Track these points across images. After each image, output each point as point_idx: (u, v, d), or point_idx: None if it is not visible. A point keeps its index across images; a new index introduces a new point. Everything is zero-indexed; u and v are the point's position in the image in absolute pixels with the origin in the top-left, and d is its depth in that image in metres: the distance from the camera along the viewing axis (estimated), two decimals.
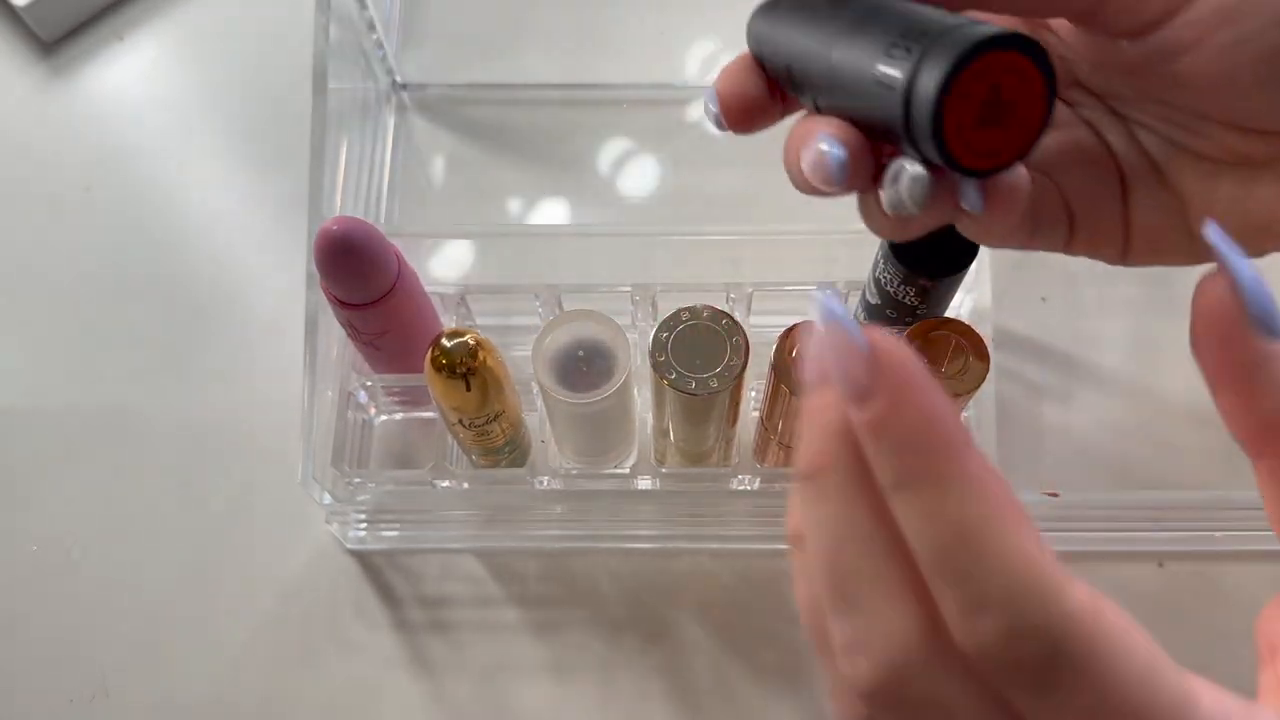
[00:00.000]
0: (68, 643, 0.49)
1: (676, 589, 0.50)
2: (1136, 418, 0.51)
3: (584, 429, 0.45)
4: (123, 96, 0.61)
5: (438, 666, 0.49)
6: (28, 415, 0.54)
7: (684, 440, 0.45)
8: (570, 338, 0.41)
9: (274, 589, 0.50)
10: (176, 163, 0.59)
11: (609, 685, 0.48)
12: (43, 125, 0.61)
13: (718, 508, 0.49)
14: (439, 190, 0.59)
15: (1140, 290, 0.54)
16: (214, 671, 0.49)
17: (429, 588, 0.50)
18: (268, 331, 0.55)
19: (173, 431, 0.53)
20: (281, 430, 0.51)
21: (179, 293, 0.56)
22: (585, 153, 0.59)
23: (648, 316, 0.48)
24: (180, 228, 0.58)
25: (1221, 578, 0.48)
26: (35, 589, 0.50)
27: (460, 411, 0.42)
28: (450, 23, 0.62)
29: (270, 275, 0.56)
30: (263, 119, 0.60)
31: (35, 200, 0.59)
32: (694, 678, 0.48)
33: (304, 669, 0.49)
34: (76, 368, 0.55)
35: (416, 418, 0.53)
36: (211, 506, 0.52)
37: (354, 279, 0.42)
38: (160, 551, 0.51)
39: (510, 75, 0.60)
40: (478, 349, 0.40)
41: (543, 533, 0.51)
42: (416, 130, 0.60)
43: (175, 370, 0.55)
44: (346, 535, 0.50)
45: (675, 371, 0.39)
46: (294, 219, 0.54)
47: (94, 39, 0.62)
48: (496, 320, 0.52)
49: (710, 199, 0.58)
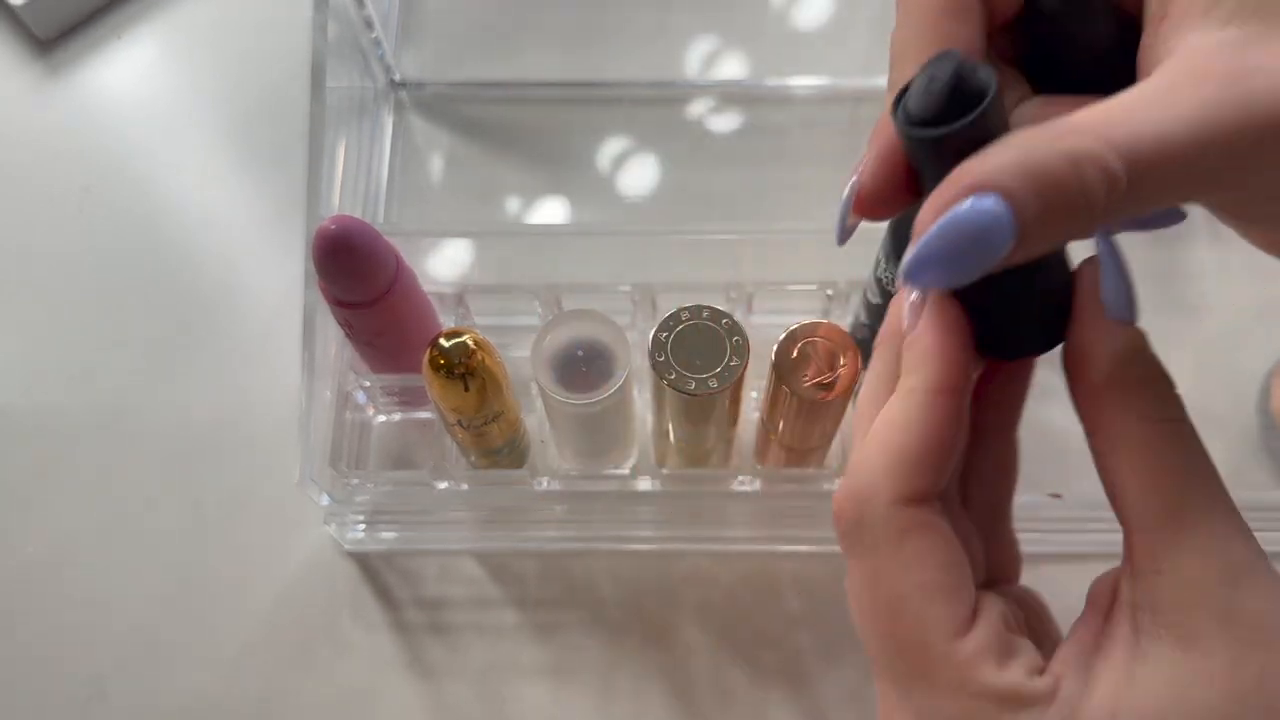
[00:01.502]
0: (65, 644, 0.49)
1: (676, 591, 0.49)
2: None
3: (584, 430, 0.45)
4: (120, 95, 0.61)
5: (436, 668, 0.48)
6: (25, 415, 0.54)
7: (684, 441, 0.44)
8: (570, 338, 0.41)
9: (272, 590, 0.50)
10: (174, 161, 0.59)
11: (608, 687, 0.48)
12: (40, 124, 0.61)
13: (718, 509, 0.49)
14: (437, 189, 0.58)
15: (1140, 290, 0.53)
16: (211, 673, 0.49)
17: (428, 589, 0.50)
18: (265, 331, 0.55)
19: (170, 431, 0.53)
20: (279, 430, 0.51)
21: (176, 292, 0.56)
22: (585, 151, 0.59)
23: (648, 316, 0.48)
24: (177, 226, 0.58)
25: None
26: (33, 589, 0.50)
27: (459, 412, 0.42)
28: (448, 21, 0.62)
29: (268, 274, 0.56)
30: (261, 117, 0.60)
31: (33, 199, 0.59)
32: (694, 679, 0.48)
33: (302, 671, 0.48)
34: (74, 367, 0.55)
35: (415, 418, 0.53)
36: (209, 507, 0.52)
37: (352, 278, 0.42)
38: (157, 552, 0.51)
39: (509, 73, 0.60)
40: (476, 349, 0.40)
41: (542, 534, 0.50)
42: (415, 129, 0.60)
43: (173, 370, 0.54)
44: (344, 536, 0.50)
45: (675, 372, 0.39)
46: (291, 218, 0.54)
47: (91, 37, 0.62)
48: (495, 320, 0.52)
49: (710, 199, 0.58)
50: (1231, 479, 0.22)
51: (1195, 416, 0.23)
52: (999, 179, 0.19)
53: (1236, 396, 0.51)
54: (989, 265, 0.20)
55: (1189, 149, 0.19)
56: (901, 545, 0.23)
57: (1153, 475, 0.22)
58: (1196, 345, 0.53)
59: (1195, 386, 0.49)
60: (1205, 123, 0.19)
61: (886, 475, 0.23)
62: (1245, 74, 0.20)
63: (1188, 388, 0.23)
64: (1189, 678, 0.20)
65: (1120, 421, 0.22)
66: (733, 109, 0.59)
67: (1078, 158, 0.19)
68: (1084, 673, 0.22)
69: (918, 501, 0.23)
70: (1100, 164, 0.19)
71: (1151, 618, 0.21)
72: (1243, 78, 0.20)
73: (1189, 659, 0.21)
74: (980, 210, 0.19)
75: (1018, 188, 0.19)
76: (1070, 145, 0.19)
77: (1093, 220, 0.20)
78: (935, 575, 0.22)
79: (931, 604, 0.22)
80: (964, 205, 0.19)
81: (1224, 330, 0.53)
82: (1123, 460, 0.22)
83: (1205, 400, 0.57)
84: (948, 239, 0.20)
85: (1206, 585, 0.21)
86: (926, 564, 0.22)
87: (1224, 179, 0.20)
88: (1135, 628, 0.22)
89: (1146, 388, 0.22)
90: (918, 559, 0.22)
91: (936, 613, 0.22)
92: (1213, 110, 0.19)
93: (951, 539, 0.23)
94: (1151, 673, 0.21)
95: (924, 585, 0.22)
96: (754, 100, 0.60)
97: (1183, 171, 0.20)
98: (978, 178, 0.19)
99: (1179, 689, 0.20)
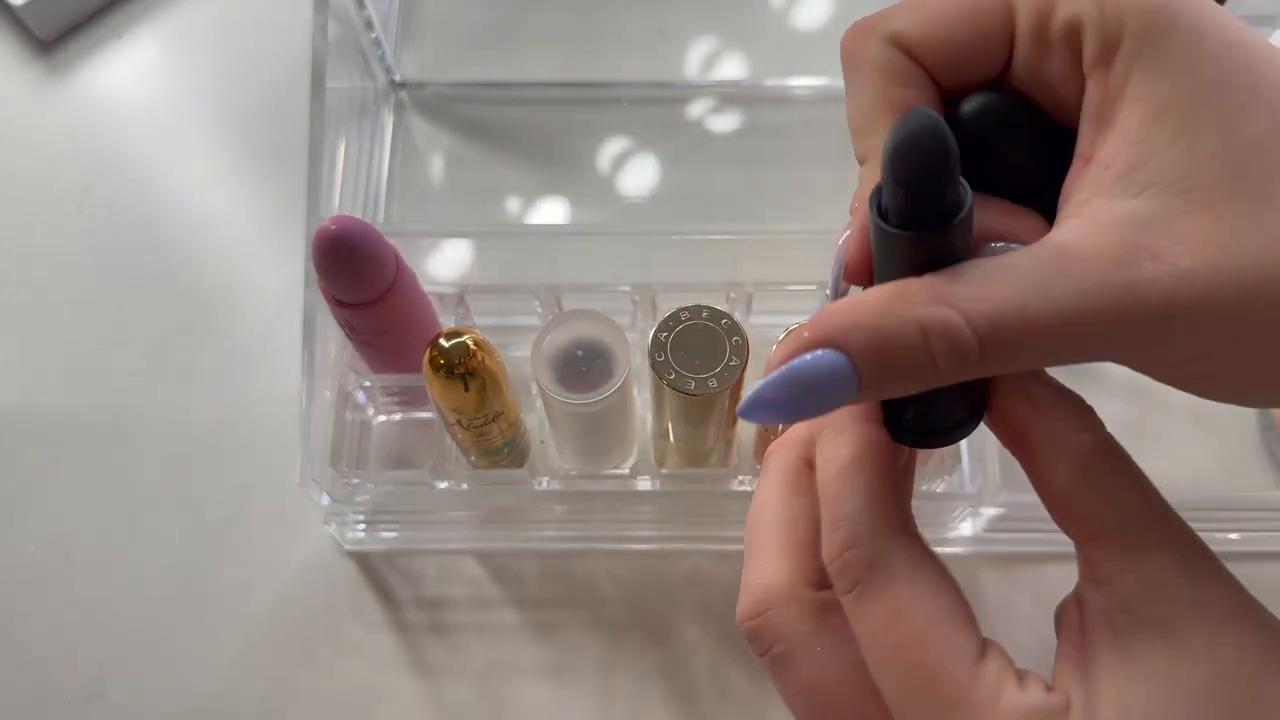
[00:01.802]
0: (65, 644, 0.49)
1: (676, 590, 0.50)
2: (1137, 418, 0.51)
3: (584, 429, 0.45)
4: (121, 95, 0.61)
5: (437, 668, 0.48)
6: (25, 415, 0.54)
7: (684, 441, 0.44)
8: (570, 338, 0.41)
9: (272, 590, 0.50)
10: (174, 161, 0.59)
11: (608, 687, 0.48)
12: (41, 124, 0.61)
13: (718, 508, 0.49)
14: (437, 189, 0.59)
15: None
16: (212, 673, 0.49)
17: (428, 589, 0.50)
18: (265, 331, 0.55)
19: (170, 431, 0.53)
20: (279, 430, 0.51)
21: (177, 292, 0.56)
22: (585, 152, 0.59)
23: (648, 316, 0.48)
24: (177, 227, 0.58)
25: None
26: (33, 590, 0.50)
27: (459, 412, 0.42)
28: (449, 21, 0.62)
29: (268, 274, 0.56)
30: (261, 118, 0.60)
31: (33, 199, 0.59)
32: (693, 679, 0.48)
33: (302, 670, 0.49)
34: (74, 367, 0.55)
35: (415, 418, 0.53)
36: (209, 507, 0.52)
37: (352, 278, 0.42)
38: (158, 552, 0.51)
39: (509, 74, 0.60)
40: (476, 349, 0.40)
41: (542, 534, 0.50)
42: (415, 129, 0.60)
43: (173, 370, 0.54)
44: (345, 536, 0.50)
45: (675, 372, 0.39)
46: (292, 218, 0.54)
47: (92, 37, 0.62)
48: (495, 320, 0.52)
49: (710, 199, 0.58)
50: (1231, 479, 0.22)
51: (1195, 417, 0.23)
52: (849, 339, 0.20)
53: None
54: (833, 408, 0.21)
55: (1054, 333, 0.20)
56: (916, 574, 0.23)
57: (1094, 487, 0.22)
58: None
59: None
60: (1077, 310, 0.20)
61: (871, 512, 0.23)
62: (1135, 260, 0.20)
63: None
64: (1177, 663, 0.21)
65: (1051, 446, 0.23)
66: (732, 109, 0.59)
67: (928, 327, 0.20)
68: (1084, 684, 0.22)
69: (912, 532, 0.24)
70: (951, 335, 0.20)
71: (1127, 617, 0.22)
72: (1130, 264, 0.20)
73: (1171, 646, 0.21)
74: (822, 364, 0.21)
75: (864, 349, 0.20)
76: (924, 315, 0.20)
77: (939, 380, 0.21)
78: (951, 601, 0.23)
79: (956, 629, 0.22)
80: (807, 358, 0.21)
81: None
82: (1062, 478, 0.22)
83: (1205, 400, 0.57)
84: (789, 388, 0.21)
85: (1169, 577, 0.21)
86: (943, 590, 0.23)
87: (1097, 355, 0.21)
88: (1115, 631, 0.22)
89: (1068, 408, 0.23)
90: (935, 586, 0.23)
91: (961, 638, 0.22)
92: (1090, 299, 0.20)
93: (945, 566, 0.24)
94: (1144, 667, 0.21)
95: (947, 611, 0.23)
96: (754, 100, 0.60)
97: (1043, 350, 0.20)
98: (828, 333, 0.21)
99: (1172, 676, 0.21)
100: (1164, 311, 0.20)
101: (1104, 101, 0.21)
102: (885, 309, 0.20)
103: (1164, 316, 0.20)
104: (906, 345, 0.20)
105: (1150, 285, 0.20)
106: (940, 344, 0.20)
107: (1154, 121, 0.20)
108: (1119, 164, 0.21)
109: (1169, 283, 0.20)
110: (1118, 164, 0.21)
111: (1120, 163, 0.21)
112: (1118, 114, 0.21)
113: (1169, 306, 0.20)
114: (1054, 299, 0.20)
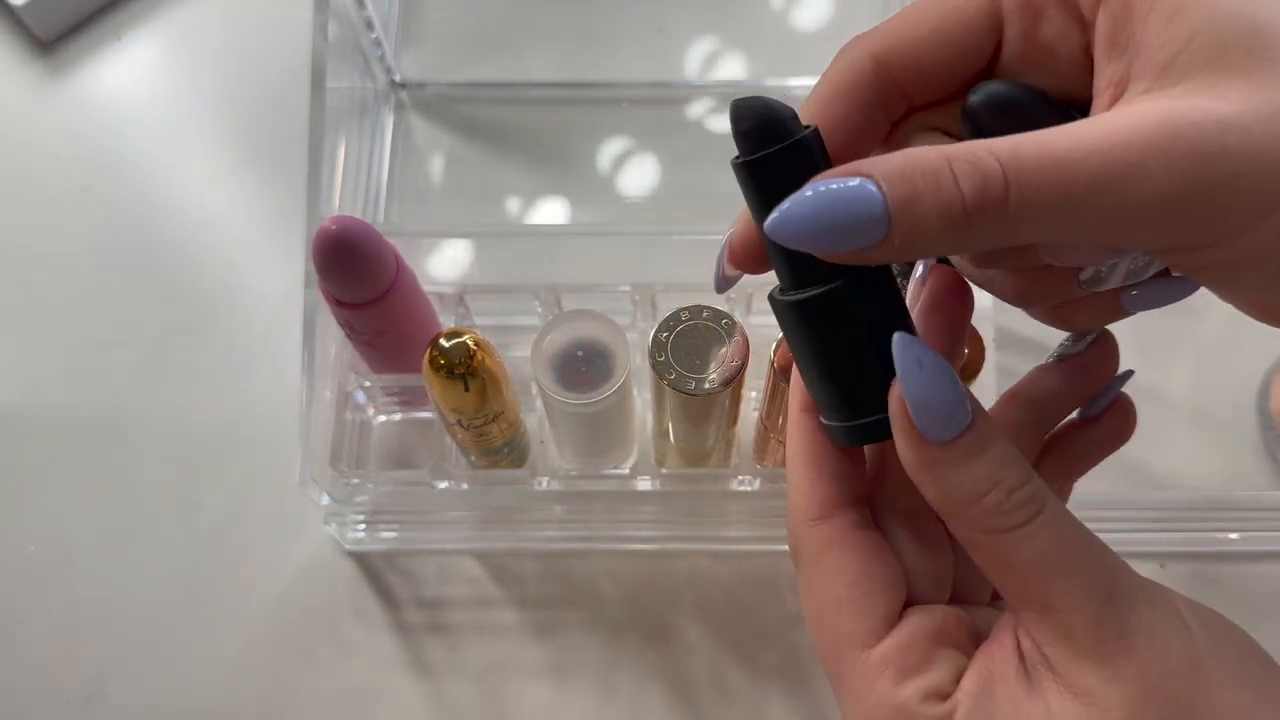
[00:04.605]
0: (65, 644, 0.49)
1: (676, 590, 0.50)
2: (1137, 417, 0.51)
3: (584, 429, 0.45)
4: (121, 96, 0.61)
5: (437, 668, 0.48)
6: (25, 415, 0.54)
7: (684, 440, 0.44)
8: (570, 338, 0.41)
9: (272, 590, 0.50)
10: (174, 162, 0.59)
11: (609, 686, 0.48)
12: (41, 125, 0.61)
13: (718, 508, 0.49)
14: (437, 189, 0.59)
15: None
16: (212, 673, 0.49)
17: (428, 589, 0.50)
18: (265, 331, 0.55)
19: (170, 431, 0.53)
20: (279, 430, 0.51)
21: (176, 292, 0.56)
22: (585, 152, 0.59)
23: (648, 316, 0.48)
24: (178, 227, 0.58)
25: (1222, 578, 0.48)
26: (33, 590, 0.50)
27: (459, 412, 0.42)
28: (449, 21, 0.62)
29: (268, 274, 0.56)
30: (261, 118, 0.60)
31: (33, 200, 0.59)
32: (694, 679, 0.48)
33: (302, 671, 0.49)
34: (74, 368, 0.55)
35: (415, 418, 0.53)
36: (209, 507, 0.52)
37: (352, 278, 0.42)
38: (158, 552, 0.51)
39: (509, 74, 0.60)
40: (476, 349, 0.40)
41: (542, 534, 0.50)
42: (415, 129, 0.60)
43: (172, 370, 0.54)
44: (345, 536, 0.50)
45: (675, 371, 0.39)
46: (292, 218, 0.54)
47: (92, 38, 0.62)
48: (495, 320, 0.52)
49: (710, 198, 0.57)
50: (1231, 479, 0.22)
51: (1195, 416, 0.23)
52: (874, 167, 0.20)
53: (1236, 396, 0.51)
54: (862, 245, 0.20)
55: (1087, 179, 0.19)
56: (819, 562, 0.25)
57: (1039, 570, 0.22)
58: (1196, 345, 0.53)
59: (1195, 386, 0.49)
60: (1109, 148, 0.19)
61: (799, 496, 0.26)
62: (1178, 112, 0.19)
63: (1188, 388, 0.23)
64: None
65: (961, 532, 0.23)
66: None
67: (956, 156, 0.20)
68: (985, 701, 0.23)
69: (826, 516, 0.25)
70: (978, 168, 0.20)
71: (1050, 674, 0.22)
72: (1172, 116, 0.19)
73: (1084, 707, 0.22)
74: (852, 186, 0.20)
75: (892, 174, 0.20)
76: (950, 150, 0.20)
77: (968, 222, 0.20)
78: (843, 590, 0.24)
79: (840, 616, 0.24)
80: (836, 180, 0.20)
81: (1224, 330, 0.53)
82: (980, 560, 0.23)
83: (1205, 400, 0.57)
84: (815, 204, 0.20)
85: (1091, 648, 0.22)
86: (838, 579, 0.25)
87: (1133, 218, 0.20)
88: (1032, 678, 0.23)
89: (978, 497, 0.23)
90: (831, 574, 0.25)
91: (844, 624, 0.24)
92: (1123, 138, 0.19)
93: (864, 553, 0.25)
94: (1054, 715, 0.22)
95: (836, 599, 0.24)
96: None
97: (1075, 201, 0.19)
98: (856, 166, 0.20)
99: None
100: (1205, 157, 0.19)
101: (1116, 26, 0.21)
102: (914, 150, 0.20)
103: (1206, 162, 0.19)
104: (933, 172, 0.20)
105: (1191, 128, 0.19)
106: (968, 178, 0.20)
107: (1173, 20, 0.20)
108: (1149, 71, 0.21)
109: (1211, 126, 0.19)
110: (1148, 72, 0.21)
111: (1149, 70, 0.21)
112: (1134, 30, 0.21)
113: (1211, 149, 0.19)
114: (1088, 139, 0.19)
